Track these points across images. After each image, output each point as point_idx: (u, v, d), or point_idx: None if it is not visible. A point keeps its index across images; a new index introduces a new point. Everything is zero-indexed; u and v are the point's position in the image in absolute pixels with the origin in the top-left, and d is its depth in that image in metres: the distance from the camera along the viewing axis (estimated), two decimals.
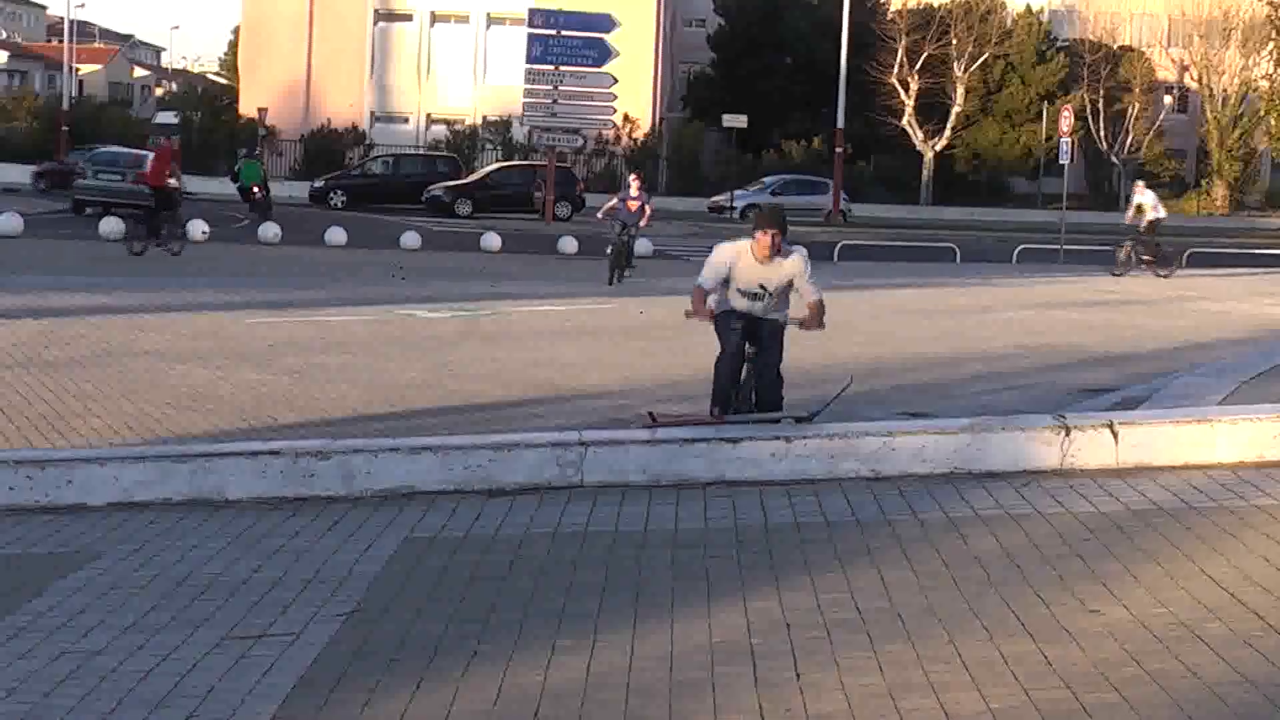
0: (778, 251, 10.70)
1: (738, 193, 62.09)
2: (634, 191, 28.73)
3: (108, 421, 11.91)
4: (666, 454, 10.27)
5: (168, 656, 6.69)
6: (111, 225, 34.34)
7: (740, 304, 10.99)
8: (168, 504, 9.67)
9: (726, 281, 11.01)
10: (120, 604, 7.55)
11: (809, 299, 11.01)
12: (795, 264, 10.87)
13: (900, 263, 39.47)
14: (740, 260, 10.85)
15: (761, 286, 10.80)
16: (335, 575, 8.00)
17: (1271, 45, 74.48)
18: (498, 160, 68.97)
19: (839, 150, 64.19)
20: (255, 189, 44.39)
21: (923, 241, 46.90)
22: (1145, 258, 33.97)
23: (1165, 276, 33.06)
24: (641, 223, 28.94)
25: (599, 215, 30.55)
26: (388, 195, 57.93)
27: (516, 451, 10.13)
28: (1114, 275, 33.53)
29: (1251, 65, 77.74)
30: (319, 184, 59.22)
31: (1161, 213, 34.59)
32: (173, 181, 29.89)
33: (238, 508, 9.60)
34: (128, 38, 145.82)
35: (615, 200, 29.26)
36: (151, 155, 34.08)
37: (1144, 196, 34.40)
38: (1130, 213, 35.04)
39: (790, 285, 10.97)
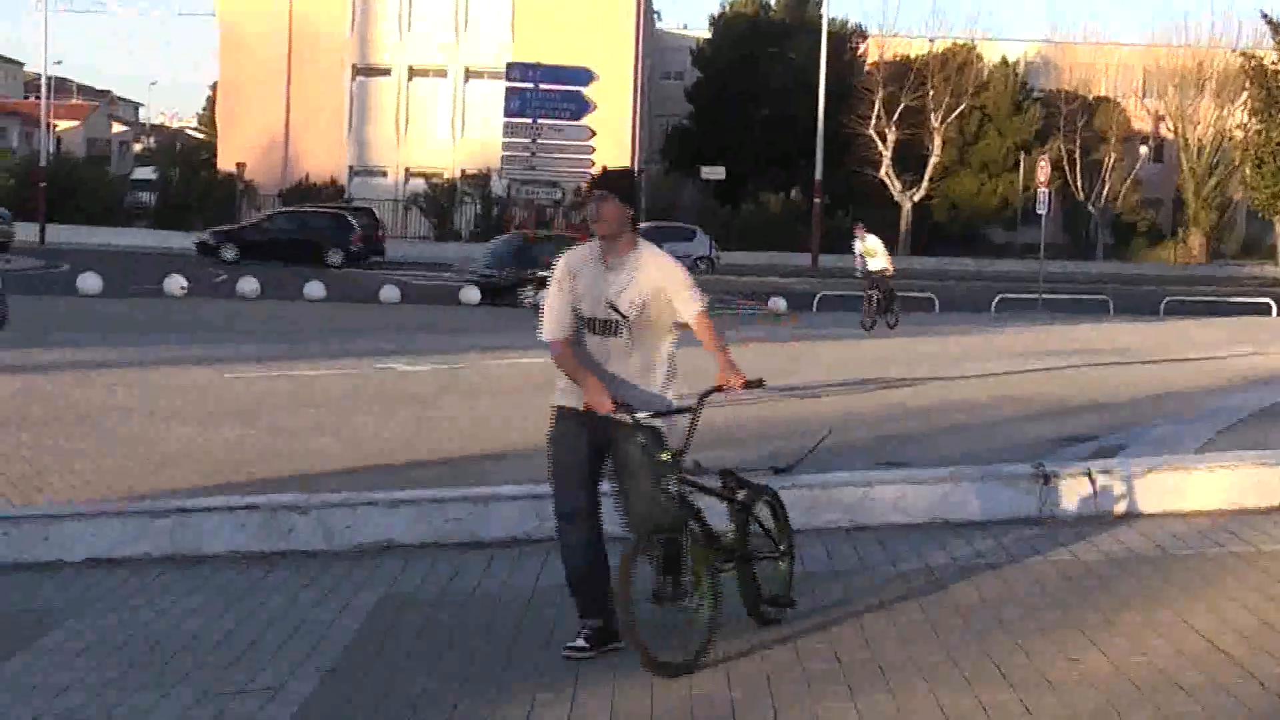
0: (618, 237, 7.30)
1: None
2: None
3: (85, 478, 11.87)
4: None
5: (146, 715, 6.65)
6: None
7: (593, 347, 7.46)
8: (145, 560, 9.63)
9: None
10: (97, 662, 7.50)
11: (691, 313, 7.36)
12: (658, 265, 7.36)
13: None
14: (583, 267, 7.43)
15: (613, 308, 7.30)
16: (314, 631, 7.96)
17: (1245, 95, 74.97)
18: (476, 214, 69.15)
19: (817, 201, 64.47)
20: None
21: (901, 291, 46.94)
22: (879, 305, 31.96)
23: (892, 326, 31.46)
24: None
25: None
26: (282, 251, 54.43)
27: (495, 504, 10.12)
28: (864, 328, 31.18)
29: (1226, 115, 78.31)
30: (208, 237, 56.84)
31: (885, 264, 32.47)
32: None
33: (216, 563, 9.56)
34: (105, 94, 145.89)
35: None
36: None
37: (870, 241, 32.57)
38: (861, 261, 32.71)
39: (657, 308, 7.33)
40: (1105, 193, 77.02)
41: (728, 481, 7.82)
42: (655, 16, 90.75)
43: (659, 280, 7.27)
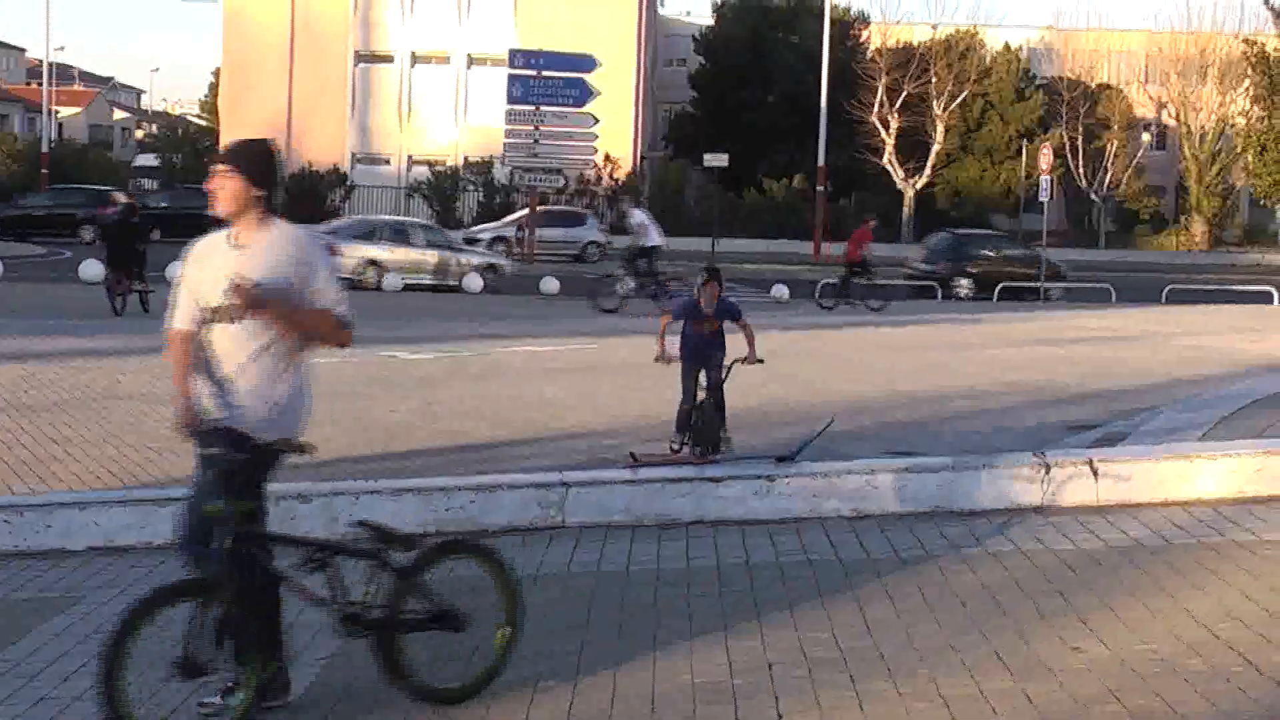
0: (240, 216, 6.37)
1: (485, 225, 59.64)
2: None
3: (88, 465, 11.89)
4: (649, 494, 10.29)
5: (148, 700, 6.67)
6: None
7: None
8: (149, 548, 9.65)
9: None
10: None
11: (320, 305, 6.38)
12: (292, 246, 6.39)
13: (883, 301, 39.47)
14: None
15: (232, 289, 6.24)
16: (315, 618, 7.97)
17: (1248, 82, 74.86)
18: (479, 202, 69.09)
19: (820, 189, 64.43)
20: None
21: (904, 280, 46.94)
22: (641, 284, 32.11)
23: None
24: None
25: None
26: (44, 225, 57.32)
27: (499, 492, 10.15)
28: (604, 310, 31.31)
29: (1228, 102, 78.19)
30: None
31: (654, 239, 32.67)
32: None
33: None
34: (108, 80, 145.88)
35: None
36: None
37: (638, 215, 33.12)
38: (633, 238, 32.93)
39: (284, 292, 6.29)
40: (1108, 180, 76.91)
41: (378, 537, 6.64)
42: (658, 3, 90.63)
43: (288, 263, 6.29)
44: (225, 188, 6.34)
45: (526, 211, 56.92)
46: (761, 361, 12.41)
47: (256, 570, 6.21)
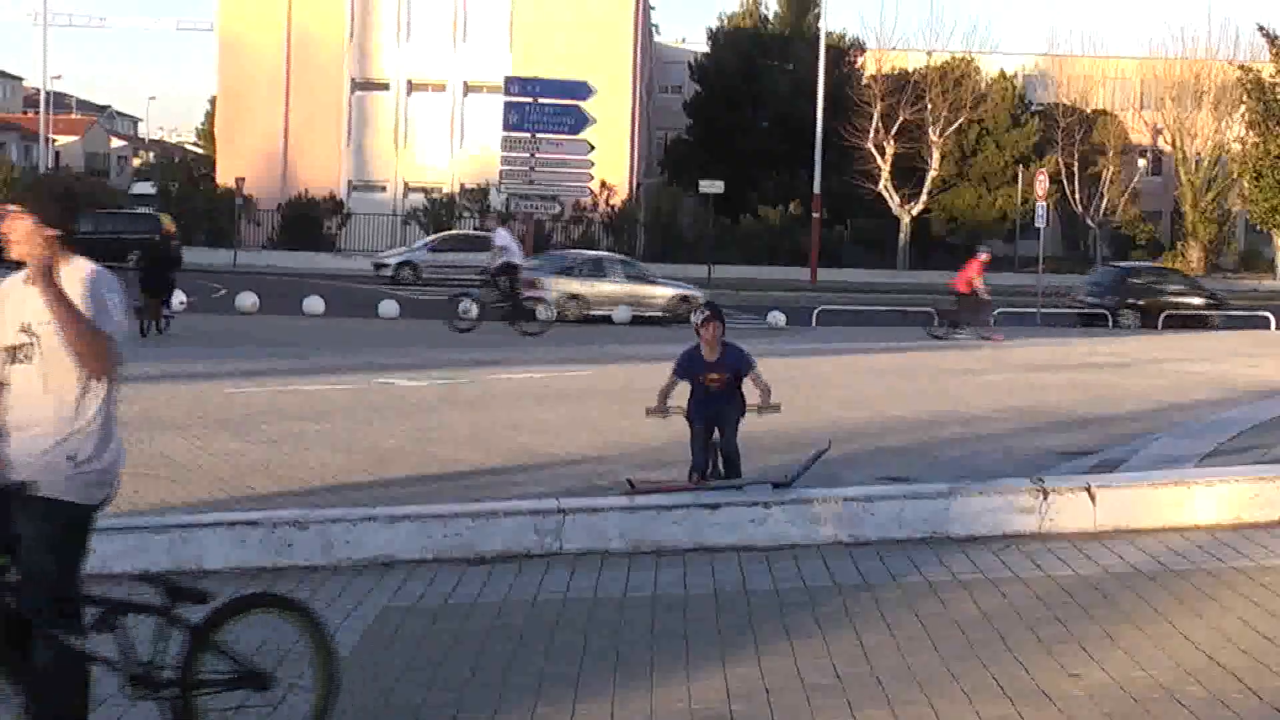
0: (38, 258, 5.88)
1: (392, 250, 60.16)
2: None
3: None
4: (645, 520, 10.27)
5: None
6: None
7: None
8: (145, 576, 9.62)
9: None
10: (98, 675, 7.49)
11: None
12: (82, 281, 5.99)
13: (877, 327, 39.56)
14: None
15: (24, 328, 5.95)
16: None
17: (1243, 108, 75.01)
18: (473, 229, 69.11)
19: (815, 215, 64.54)
20: None
21: (899, 306, 47.04)
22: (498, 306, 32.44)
23: (532, 334, 31.55)
24: None
25: None
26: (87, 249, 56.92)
27: (495, 519, 10.12)
28: (460, 330, 31.76)
29: (1224, 128, 78.38)
30: None
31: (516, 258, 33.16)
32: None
33: (216, 578, 9.55)
34: (104, 108, 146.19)
35: None
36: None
37: (503, 235, 33.41)
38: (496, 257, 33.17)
39: None
40: (1103, 205, 77.06)
41: (168, 591, 6.28)
42: (654, 30, 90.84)
43: (78, 300, 5.86)
44: (16, 229, 5.96)
45: (434, 237, 57.34)
46: (778, 409, 11.97)
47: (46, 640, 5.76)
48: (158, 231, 59.49)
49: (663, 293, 40.76)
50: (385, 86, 73.69)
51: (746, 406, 11.77)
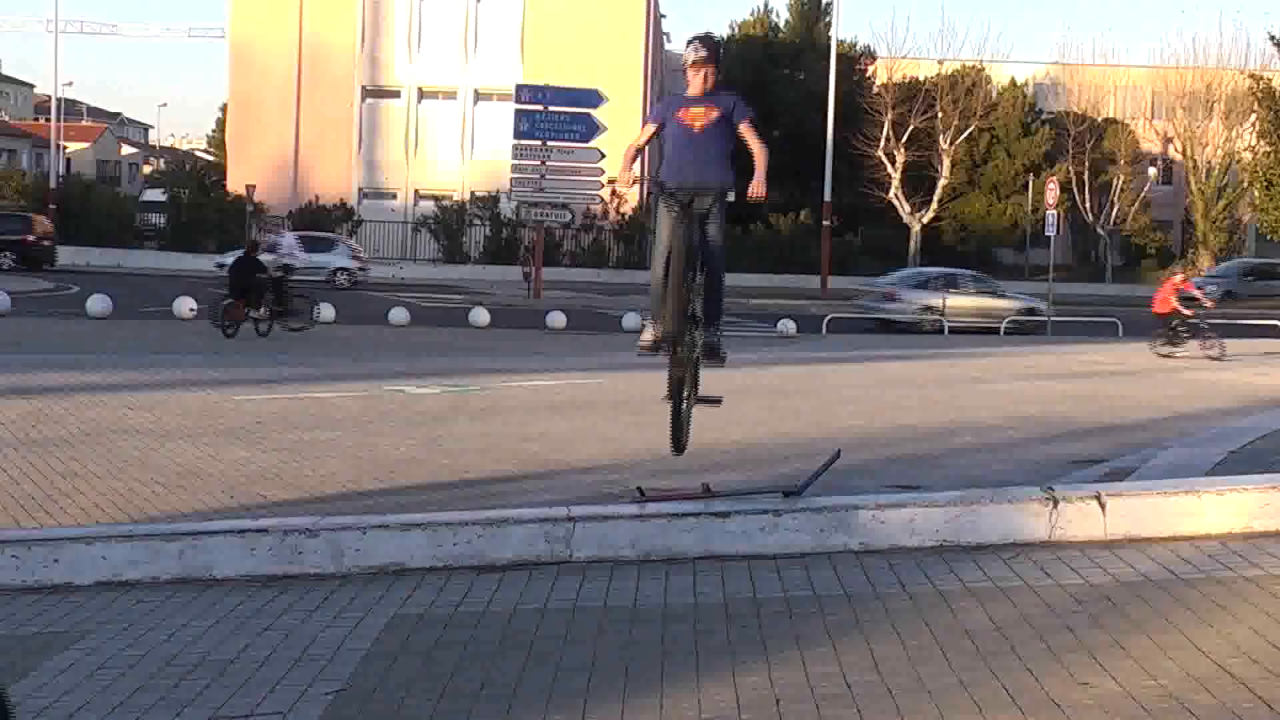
0: None
1: (231, 252, 56.91)
2: None
3: (95, 500, 11.89)
4: (656, 529, 10.26)
5: None
6: None
7: None
8: (156, 583, 9.64)
9: None
10: (107, 684, 7.52)
11: None
12: None
13: (890, 335, 39.54)
14: None
15: None
16: (323, 653, 7.97)
17: (1254, 117, 75.00)
18: (486, 236, 69.16)
19: (826, 223, 64.52)
20: None
21: (905, 316, 46.97)
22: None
23: (297, 329, 32.80)
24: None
25: None
26: None
27: (505, 527, 10.12)
28: (292, 330, 32.66)
29: (1235, 137, 78.38)
30: None
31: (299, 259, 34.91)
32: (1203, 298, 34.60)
33: (226, 586, 9.58)
34: (115, 116, 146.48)
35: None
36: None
37: (289, 239, 35.78)
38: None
39: None
40: (1114, 214, 77.07)
41: None
42: (665, 38, 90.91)
43: None
44: None
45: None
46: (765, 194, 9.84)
47: None
48: (30, 232, 60.07)
49: (1010, 305, 44.92)
50: (396, 94, 73.89)
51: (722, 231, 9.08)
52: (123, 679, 7.61)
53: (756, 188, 9.25)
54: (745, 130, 9.07)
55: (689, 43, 8.72)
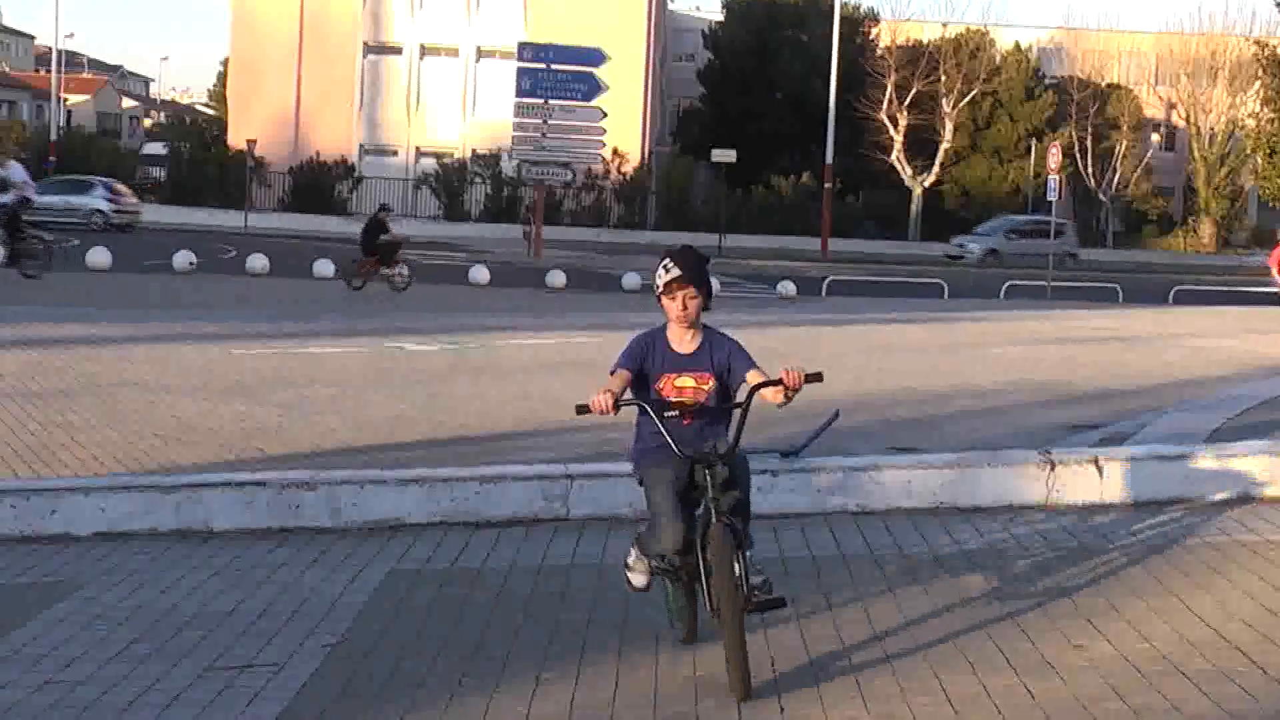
0: None
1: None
2: None
3: (94, 452, 11.90)
4: None
5: (151, 688, 6.68)
6: None
7: None
8: (154, 535, 9.66)
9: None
10: (104, 635, 7.53)
11: None
12: None
13: (889, 298, 39.52)
14: None
15: None
16: (320, 607, 7.99)
17: (1258, 84, 74.82)
18: (487, 194, 69.06)
19: (827, 186, 64.42)
20: None
21: (909, 278, 47.00)
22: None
23: (32, 275, 30.08)
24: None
25: None
26: None
27: (503, 484, 10.13)
28: (28, 276, 30.05)
29: (1238, 104, 78.25)
30: None
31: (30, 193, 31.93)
32: None
33: (224, 539, 9.59)
34: (116, 68, 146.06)
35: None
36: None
37: (19, 170, 32.13)
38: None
39: None
40: (1116, 180, 76.99)
41: None
42: None
43: None
44: None
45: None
46: (820, 378, 7.52)
47: None
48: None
49: None
50: (398, 51, 73.63)
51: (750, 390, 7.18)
52: (120, 629, 7.63)
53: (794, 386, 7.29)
54: (754, 378, 7.14)
55: (660, 260, 6.90)
